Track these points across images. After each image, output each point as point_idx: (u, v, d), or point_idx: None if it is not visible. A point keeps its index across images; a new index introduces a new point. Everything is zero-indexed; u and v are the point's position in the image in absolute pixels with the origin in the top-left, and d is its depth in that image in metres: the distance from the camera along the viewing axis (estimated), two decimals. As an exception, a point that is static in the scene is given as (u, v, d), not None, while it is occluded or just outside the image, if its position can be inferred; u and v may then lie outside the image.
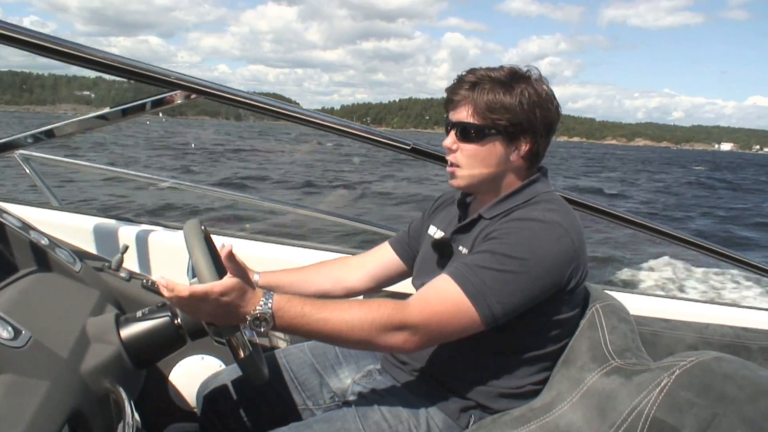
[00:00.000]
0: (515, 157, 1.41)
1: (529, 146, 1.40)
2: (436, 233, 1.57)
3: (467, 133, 1.39)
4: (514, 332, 1.37)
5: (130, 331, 1.33)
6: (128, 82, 1.80)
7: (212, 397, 1.60)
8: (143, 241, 2.02)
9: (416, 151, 1.93)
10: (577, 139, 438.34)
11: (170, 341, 1.35)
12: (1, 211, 1.59)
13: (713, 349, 1.75)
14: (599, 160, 68.25)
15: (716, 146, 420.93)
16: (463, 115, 1.39)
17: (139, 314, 1.36)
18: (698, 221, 18.03)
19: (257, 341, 1.41)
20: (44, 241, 1.57)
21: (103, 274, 1.73)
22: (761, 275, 2.19)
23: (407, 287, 1.64)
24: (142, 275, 1.84)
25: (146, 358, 1.35)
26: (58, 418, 1.02)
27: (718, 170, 61.65)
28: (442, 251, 1.49)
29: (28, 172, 2.25)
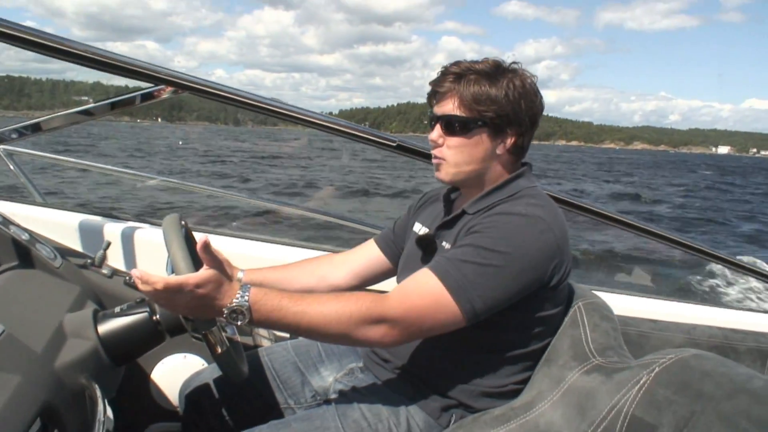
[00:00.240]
0: (501, 149, 1.40)
1: (514, 139, 1.40)
2: (420, 230, 1.57)
3: (453, 125, 1.38)
4: (496, 330, 1.36)
5: (107, 327, 1.32)
6: (125, 86, 1.80)
7: (194, 395, 1.59)
8: (127, 237, 2.01)
9: (402, 148, 1.93)
10: (575, 142, 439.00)
11: (149, 338, 1.34)
12: None
13: (701, 349, 1.74)
14: (608, 164, 67.72)
15: (714, 149, 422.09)
16: (449, 107, 1.38)
17: (117, 310, 1.35)
18: (745, 226, 17.74)
19: (239, 339, 1.39)
20: (25, 236, 1.55)
21: (85, 270, 1.72)
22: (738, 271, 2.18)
23: (391, 286, 1.63)
24: (125, 272, 1.82)
25: (124, 354, 1.34)
26: (29, 411, 1.01)
27: (727, 174, 61.33)
28: (426, 248, 1.48)
29: (11, 167, 2.24)
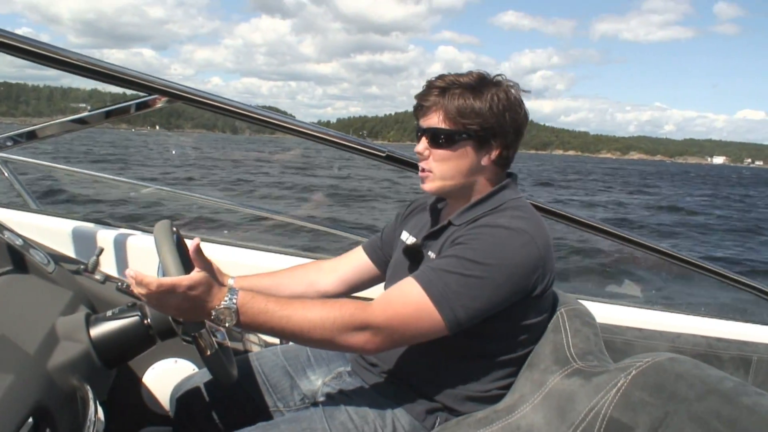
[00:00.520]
0: (486, 161, 1.43)
1: (499, 150, 1.42)
2: (408, 239, 1.59)
3: (439, 138, 1.40)
4: (481, 337, 1.38)
5: (99, 330, 1.34)
6: (123, 93, 1.82)
7: (185, 399, 1.61)
8: (120, 244, 2.03)
9: (391, 158, 1.95)
10: (572, 152, 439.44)
11: (140, 341, 1.36)
12: None
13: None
14: (620, 175, 66.78)
15: (709, 159, 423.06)
16: (434, 120, 1.40)
17: (109, 314, 1.37)
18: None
19: (229, 344, 1.42)
20: (19, 242, 1.58)
21: (78, 276, 1.74)
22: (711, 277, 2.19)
23: (379, 293, 1.66)
24: (117, 278, 1.85)
25: (115, 357, 1.36)
26: (21, 410, 1.03)
27: (740, 186, 60.75)
28: (413, 257, 1.51)
29: (6, 174, 2.25)
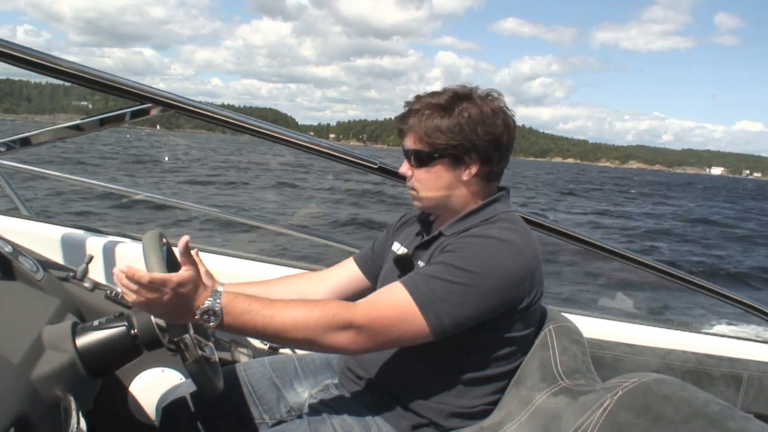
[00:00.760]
0: (467, 176, 1.43)
1: (478, 165, 1.42)
2: (399, 249, 1.60)
3: (416, 159, 1.44)
4: (468, 350, 1.39)
5: (85, 339, 1.33)
6: None
7: (171, 409, 1.61)
8: (109, 251, 2.03)
9: (383, 170, 1.95)
10: (571, 160, 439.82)
11: (126, 351, 1.36)
12: None
13: (675, 374, 1.76)
14: (635, 185, 66.38)
15: (707, 170, 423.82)
16: (410, 142, 1.45)
17: (95, 323, 1.37)
18: None
19: (216, 359, 1.42)
20: (8, 248, 1.57)
21: (67, 283, 1.73)
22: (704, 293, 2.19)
23: None
24: (106, 286, 1.84)
25: (101, 367, 1.36)
26: (2, 421, 1.02)
27: (751, 198, 60.39)
28: (403, 267, 1.51)
29: None
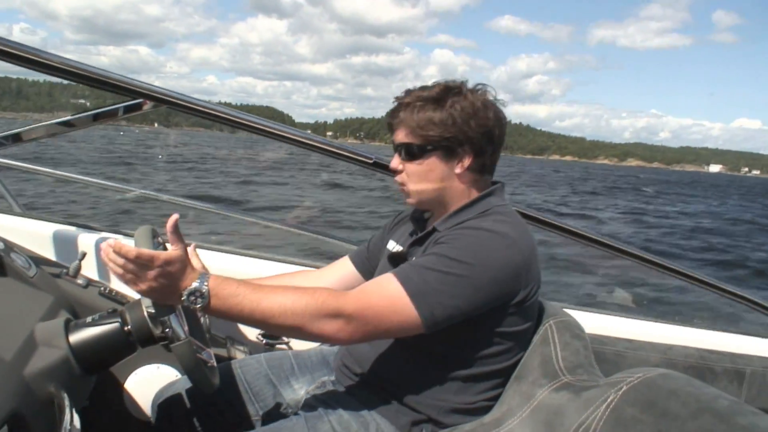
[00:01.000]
0: (460, 169, 1.43)
1: (471, 158, 1.42)
2: (394, 247, 1.59)
3: (407, 152, 1.43)
4: (465, 345, 1.38)
5: (78, 336, 1.32)
6: None
7: (166, 405, 1.60)
8: None
9: (378, 165, 1.94)
10: (569, 158, 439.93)
11: (120, 347, 1.34)
12: None
13: (677, 370, 1.74)
14: (646, 183, 66.02)
15: (706, 168, 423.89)
16: (401, 136, 1.43)
17: (89, 320, 1.35)
18: None
19: (214, 364, 1.41)
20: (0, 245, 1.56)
21: (59, 280, 1.72)
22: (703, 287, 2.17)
23: None
24: (99, 282, 1.83)
25: (95, 364, 1.34)
26: None
27: (761, 195, 60.18)
28: (397, 265, 1.50)
29: None
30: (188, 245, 1.31)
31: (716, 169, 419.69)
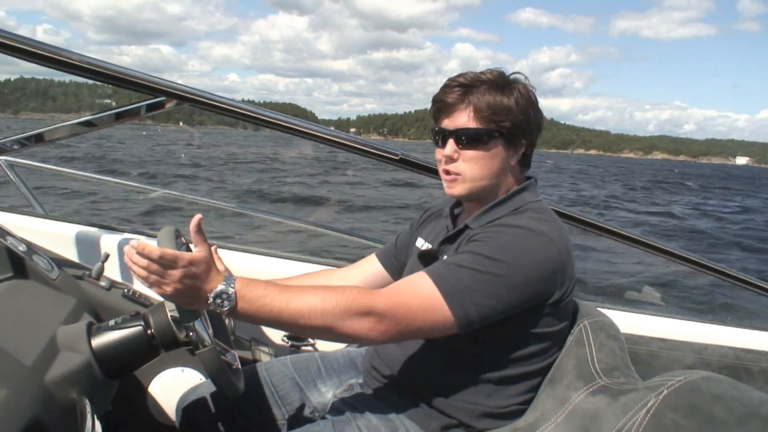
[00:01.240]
0: (514, 161, 1.40)
1: (524, 149, 1.39)
2: (423, 245, 1.55)
3: (470, 138, 1.35)
4: (498, 347, 1.33)
5: (101, 340, 1.30)
6: None
7: (191, 410, 1.57)
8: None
9: (404, 161, 1.90)
10: (594, 151, 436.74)
11: (143, 352, 1.32)
12: None
13: (712, 370, 1.68)
14: (686, 178, 65.44)
15: (732, 160, 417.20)
16: (462, 120, 1.36)
17: (111, 323, 1.33)
18: None
19: (239, 366, 1.38)
20: (22, 247, 1.55)
21: (82, 282, 1.71)
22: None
23: None
24: (123, 284, 1.82)
25: (118, 368, 1.32)
26: (14, 426, 0.99)
27: None
28: (428, 263, 1.45)
29: (12, 178, 2.24)
30: (211, 246, 1.28)
31: (743, 161, 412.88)
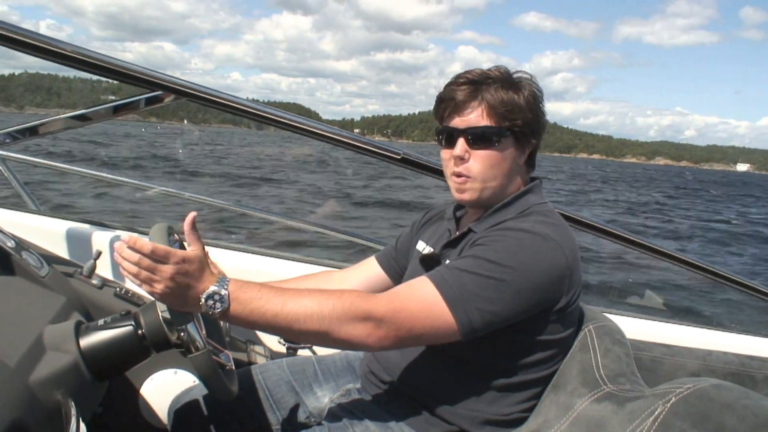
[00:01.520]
0: (522, 161, 1.36)
1: (531, 149, 1.36)
2: (425, 249, 1.51)
3: (482, 137, 1.30)
4: (501, 353, 1.29)
5: (89, 340, 1.25)
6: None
7: (183, 412, 1.54)
8: None
9: (406, 161, 1.87)
10: (596, 156, 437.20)
11: (133, 352, 1.27)
12: None
13: (716, 377, 1.66)
14: (700, 185, 65.21)
15: (733, 167, 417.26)
16: (474, 119, 1.30)
17: (101, 323, 1.28)
18: None
19: (232, 367, 1.33)
20: (10, 243, 1.51)
21: (73, 280, 1.67)
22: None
23: None
24: (115, 283, 1.77)
25: (106, 369, 1.27)
26: None
27: None
28: (430, 267, 1.40)
29: (4, 173, 2.20)
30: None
31: (744, 168, 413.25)
